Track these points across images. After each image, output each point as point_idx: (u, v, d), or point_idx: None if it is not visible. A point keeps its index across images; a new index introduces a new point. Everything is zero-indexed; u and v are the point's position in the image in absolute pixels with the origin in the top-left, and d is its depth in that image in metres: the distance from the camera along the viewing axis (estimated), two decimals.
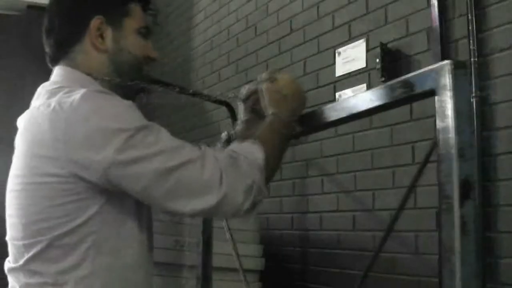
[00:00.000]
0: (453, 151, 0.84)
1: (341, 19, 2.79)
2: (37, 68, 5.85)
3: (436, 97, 0.90)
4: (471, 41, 2.08)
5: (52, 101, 1.02)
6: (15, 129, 1.16)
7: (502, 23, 2.02)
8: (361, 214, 2.57)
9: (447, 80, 0.88)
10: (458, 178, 0.83)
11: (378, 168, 2.49)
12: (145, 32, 1.20)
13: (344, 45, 2.74)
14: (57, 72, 1.16)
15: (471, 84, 2.04)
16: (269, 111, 1.20)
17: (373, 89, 1.07)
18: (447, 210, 0.84)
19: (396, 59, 2.43)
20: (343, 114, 1.16)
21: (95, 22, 1.14)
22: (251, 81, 1.29)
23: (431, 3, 2.26)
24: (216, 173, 1.02)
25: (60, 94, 1.03)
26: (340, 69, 2.75)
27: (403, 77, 0.98)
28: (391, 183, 2.42)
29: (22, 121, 1.12)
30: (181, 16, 4.55)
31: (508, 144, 1.98)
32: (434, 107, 0.89)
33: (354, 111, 1.12)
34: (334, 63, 2.79)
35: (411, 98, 1.00)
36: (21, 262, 1.05)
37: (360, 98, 1.11)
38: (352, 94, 2.21)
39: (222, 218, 1.03)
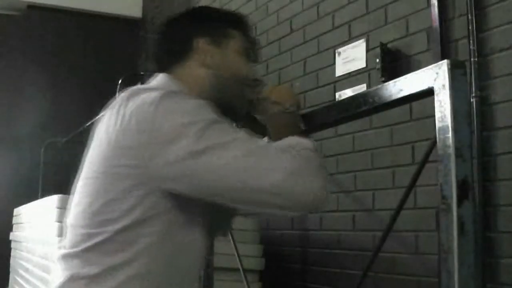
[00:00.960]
0: (451, 151, 0.84)
1: (341, 19, 2.79)
2: (37, 68, 5.84)
3: (434, 97, 0.89)
4: (471, 41, 2.08)
5: (139, 97, 1.06)
6: (15, 128, 1.17)
7: (502, 23, 2.02)
8: (361, 214, 2.57)
9: (445, 79, 0.88)
10: (456, 178, 0.83)
11: (378, 168, 2.49)
12: (249, 54, 1.27)
13: (344, 45, 2.74)
14: (157, 78, 1.22)
15: (470, 84, 2.04)
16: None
17: (372, 89, 1.06)
18: (445, 211, 0.84)
19: (396, 59, 2.43)
20: (342, 115, 1.16)
21: (201, 41, 1.21)
22: None
23: (431, 3, 2.26)
24: (290, 158, 1.02)
25: (148, 92, 1.07)
26: (340, 69, 2.75)
27: (401, 77, 0.98)
28: (391, 183, 2.42)
29: (107, 111, 1.15)
30: None
31: (508, 144, 1.98)
32: (434, 107, 0.89)
33: (353, 111, 1.12)
34: (334, 63, 2.79)
35: (409, 98, 1.00)
36: (79, 248, 1.07)
37: (358, 99, 1.11)
38: (352, 94, 2.20)
39: (303, 207, 1.00)
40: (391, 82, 1.01)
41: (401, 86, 0.98)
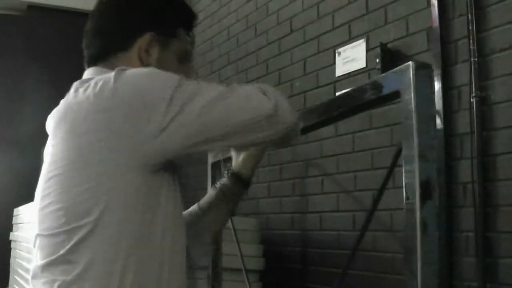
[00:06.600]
0: (414, 152, 0.85)
1: (341, 19, 2.79)
2: (37, 68, 5.83)
3: (400, 99, 0.89)
4: (471, 41, 2.08)
5: (90, 83, 1.01)
6: (15, 128, 1.16)
7: (502, 23, 2.02)
8: (361, 214, 2.57)
9: (410, 81, 0.88)
10: (419, 179, 0.84)
11: (378, 168, 2.49)
12: (187, 56, 1.24)
13: (344, 45, 2.74)
14: (93, 71, 1.14)
15: (470, 83, 2.04)
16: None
17: (343, 92, 1.07)
18: (409, 211, 0.84)
19: (396, 59, 2.43)
20: (314, 119, 1.17)
21: (148, 37, 1.14)
22: (251, 81, 1.32)
23: (431, 3, 2.26)
24: (260, 91, 1.04)
25: (96, 77, 1.02)
26: (340, 69, 2.76)
27: (372, 79, 0.98)
28: (391, 183, 2.41)
29: (55, 113, 1.11)
30: None
31: (508, 144, 1.98)
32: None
33: (327, 114, 1.13)
34: (334, 63, 2.79)
35: (379, 100, 1.00)
36: (61, 252, 0.97)
37: (330, 102, 1.11)
38: None
39: (282, 133, 1.02)
40: (360, 86, 1.01)
41: (371, 88, 0.98)
